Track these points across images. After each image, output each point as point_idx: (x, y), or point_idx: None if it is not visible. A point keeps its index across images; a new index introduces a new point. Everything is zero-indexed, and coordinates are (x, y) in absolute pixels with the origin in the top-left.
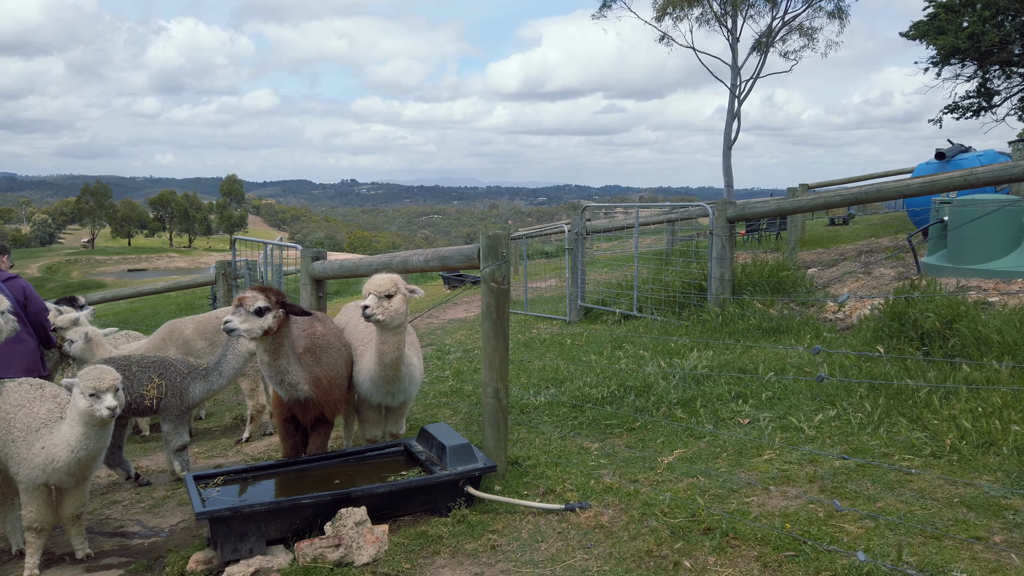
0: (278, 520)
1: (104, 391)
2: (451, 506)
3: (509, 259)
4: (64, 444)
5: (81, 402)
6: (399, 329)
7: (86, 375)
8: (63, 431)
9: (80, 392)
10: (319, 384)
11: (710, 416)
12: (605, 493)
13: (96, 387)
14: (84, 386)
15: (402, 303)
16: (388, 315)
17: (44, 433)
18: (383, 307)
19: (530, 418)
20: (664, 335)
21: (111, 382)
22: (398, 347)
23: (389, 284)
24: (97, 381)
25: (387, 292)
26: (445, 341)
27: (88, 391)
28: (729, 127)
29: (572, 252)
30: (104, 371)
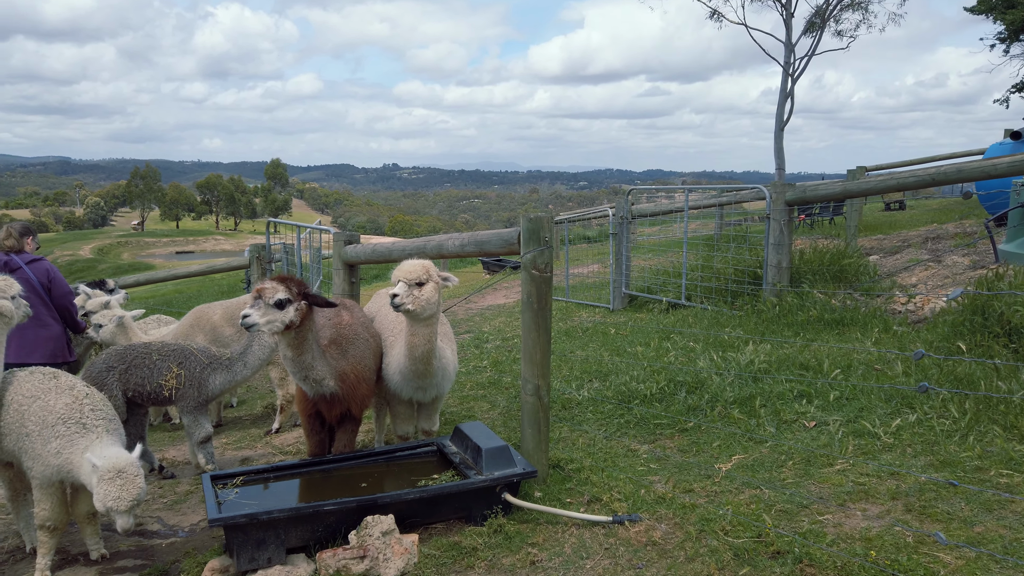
0: (299, 527)
1: (123, 512)
2: (487, 514)
3: (552, 244)
4: (84, 476)
5: (98, 503)
6: (431, 320)
7: (108, 485)
8: (86, 469)
9: (99, 499)
10: (345, 379)
11: (771, 418)
12: (657, 504)
13: (115, 507)
14: (99, 497)
15: (434, 292)
16: (419, 305)
17: (63, 433)
18: (413, 296)
19: (572, 415)
20: (715, 325)
21: (131, 502)
22: (429, 339)
23: (420, 271)
24: (116, 501)
25: (418, 280)
26: (483, 328)
27: (105, 503)
28: (781, 107)
29: (616, 237)
30: (129, 487)
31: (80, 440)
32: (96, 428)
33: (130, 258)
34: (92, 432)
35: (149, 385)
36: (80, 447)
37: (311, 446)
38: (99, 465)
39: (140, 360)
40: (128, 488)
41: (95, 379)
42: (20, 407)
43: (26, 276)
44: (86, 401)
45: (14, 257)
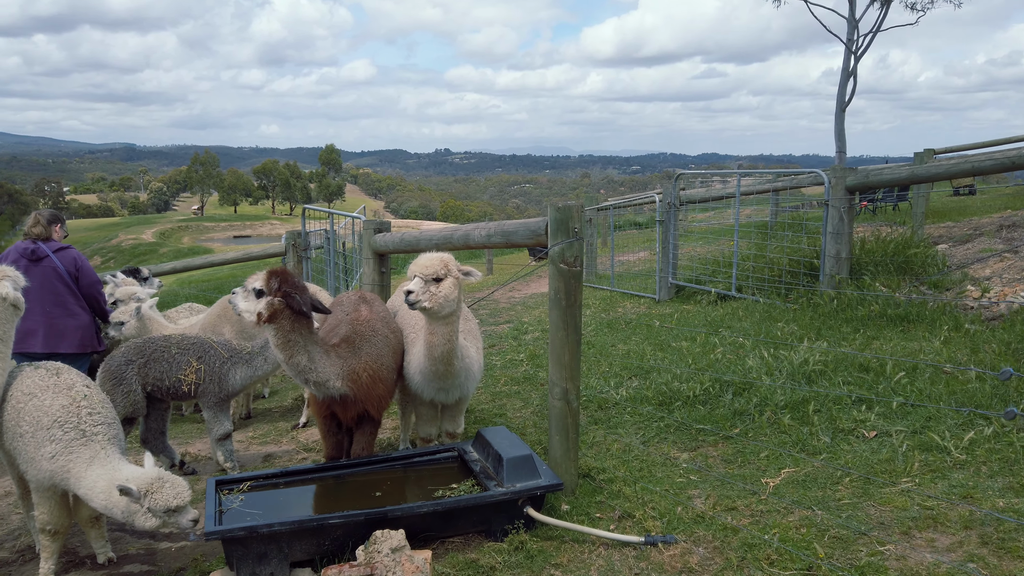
0: (303, 541)
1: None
2: (507, 529)
3: (583, 236)
4: (83, 491)
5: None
6: (450, 318)
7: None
8: (89, 484)
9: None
10: (357, 379)
11: (826, 425)
12: (695, 524)
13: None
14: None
15: (453, 288)
16: (436, 302)
17: (59, 437)
18: (430, 293)
19: (608, 416)
20: (767, 320)
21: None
22: (450, 339)
23: (438, 266)
24: (178, 499)
25: (435, 275)
26: (523, 319)
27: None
28: (843, 87)
29: (664, 224)
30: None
31: (81, 450)
32: (96, 437)
33: (190, 242)
34: (93, 442)
35: (168, 379)
36: (81, 458)
37: (327, 448)
38: (134, 489)
39: (159, 354)
40: (180, 483)
41: (114, 372)
42: (17, 405)
43: (53, 265)
44: (84, 403)
45: (41, 245)
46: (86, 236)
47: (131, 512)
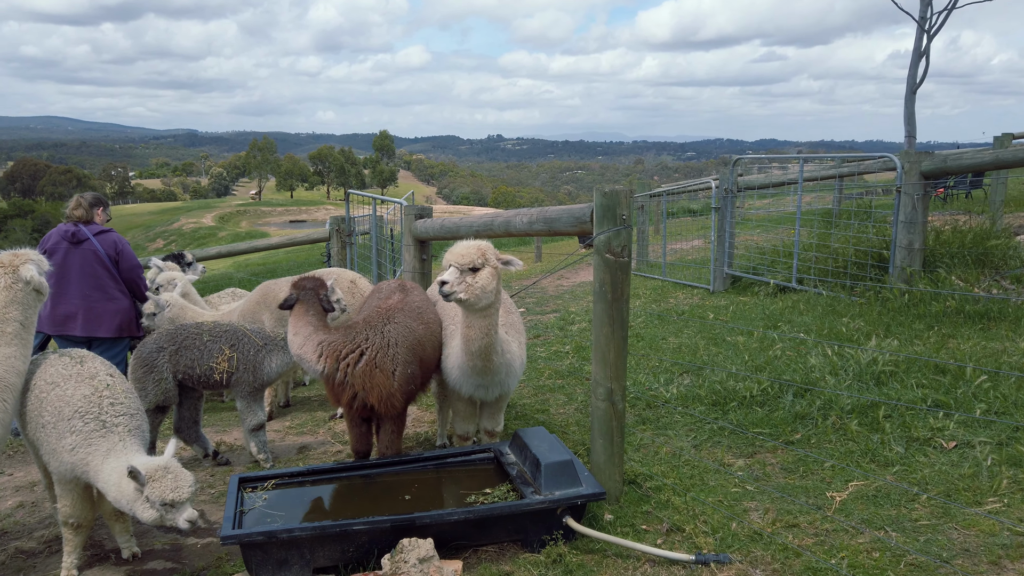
0: (326, 547)
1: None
2: (545, 540)
3: (631, 223)
4: (100, 484)
5: (148, 513)
6: (489, 310)
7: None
8: (106, 478)
9: (147, 500)
10: (337, 358)
11: (899, 434)
12: (752, 542)
13: (174, 499)
14: (155, 496)
15: (491, 278)
16: (473, 294)
17: (79, 428)
18: (466, 283)
19: (657, 416)
20: (831, 314)
21: (190, 491)
22: (488, 332)
23: (475, 254)
24: (175, 492)
25: (472, 264)
26: (570, 308)
27: (159, 501)
28: (915, 68)
29: (720, 211)
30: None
31: (100, 441)
32: (117, 428)
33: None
34: (113, 433)
35: (199, 368)
36: (100, 449)
37: (351, 440)
38: (143, 473)
39: (191, 341)
40: (183, 478)
41: (145, 360)
42: (40, 394)
43: (93, 248)
44: (106, 393)
45: (82, 228)
46: (150, 219)
47: (134, 501)
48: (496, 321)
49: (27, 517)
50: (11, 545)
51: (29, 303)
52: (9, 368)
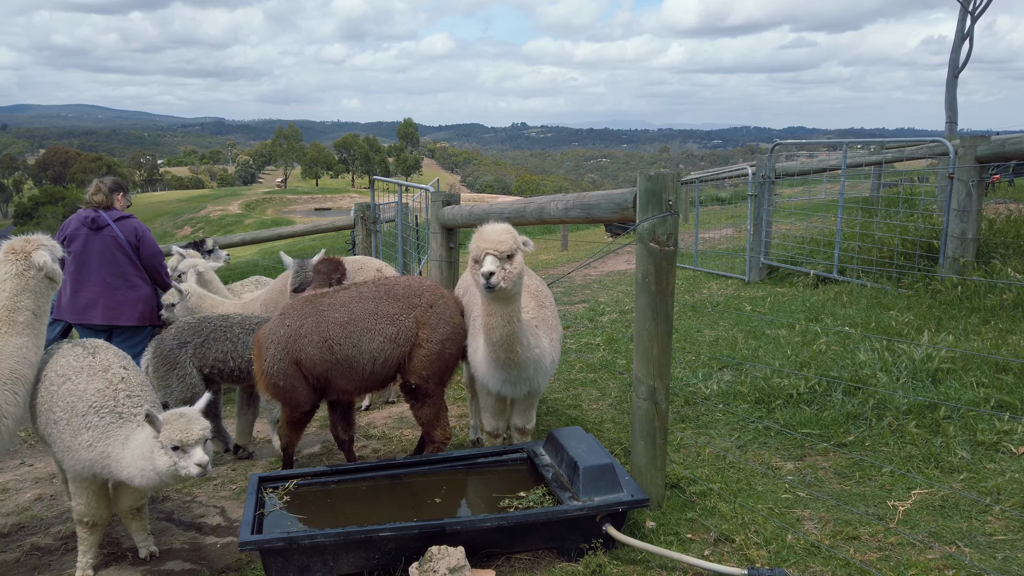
0: (350, 554)
1: (193, 443)
2: (583, 548)
3: (678, 210)
4: (125, 473)
5: (162, 459)
6: (515, 298)
7: (169, 423)
8: (127, 460)
9: (160, 444)
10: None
11: (963, 437)
12: (809, 556)
13: (183, 439)
14: (166, 437)
15: (522, 263)
16: (510, 281)
17: (94, 423)
18: (505, 272)
19: (697, 414)
20: (877, 307)
21: (201, 432)
22: (510, 320)
23: (509, 241)
24: (184, 432)
25: (509, 250)
26: (600, 298)
27: (171, 443)
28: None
29: (756, 199)
30: (191, 418)
31: (117, 431)
32: (135, 418)
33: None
34: (130, 422)
35: (233, 361)
36: (118, 438)
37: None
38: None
39: (220, 334)
40: (194, 421)
41: (167, 357)
42: (50, 387)
43: (114, 234)
44: (121, 386)
45: (102, 214)
46: (177, 207)
47: (153, 451)
48: (519, 308)
49: (45, 511)
50: (27, 541)
51: (42, 291)
52: (21, 359)
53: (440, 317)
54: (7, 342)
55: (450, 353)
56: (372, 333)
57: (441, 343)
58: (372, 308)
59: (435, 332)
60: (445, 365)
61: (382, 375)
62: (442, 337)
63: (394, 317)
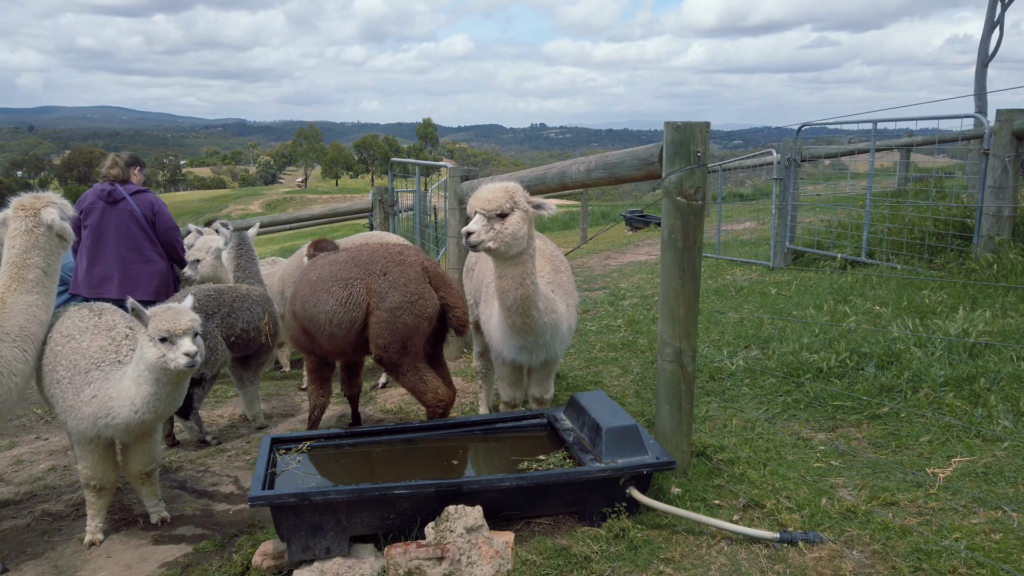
0: (364, 513)
1: (180, 333)
2: (605, 513)
3: (706, 161)
4: (126, 402)
5: (150, 351)
6: (521, 257)
7: (156, 315)
8: (125, 385)
9: (148, 337)
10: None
11: (1005, 407)
12: (845, 520)
13: (170, 329)
14: (153, 329)
15: (521, 223)
16: (502, 242)
17: (96, 377)
18: (495, 232)
19: (723, 388)
20: (908, 287)
21: (189, 323)
22: (522, 282)
23: (502, 198)
24: (171, 322)
25: (499, 210)
26: (620, 285)
27: (158, 334)
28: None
29: (781, 183)
30: (179, 310)
31: (116, 373)
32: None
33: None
34: (128, 363)
35: (254, 331)
36: (114, 376)
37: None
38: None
39: (240, 303)
40: (183, 311)
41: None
42: (55, 347)
43: (130, 208)
44: (125, 343)
45: (118, 187)
46: (200, 206)
47: (143, 349)
48: (531, 270)
49: (57, 480)
50: (39, 508)
51: (52, 249)
52: (30, 317)
53: (392, 284)
54: (16, 299)
55: (403, 322)
56: (327, 295)
57: (391, 311)
58: (334, 271)
59: (384, 300)
60: (402, 334)
61: (342, 337)
62: (392, 305)
63: (348, 281)
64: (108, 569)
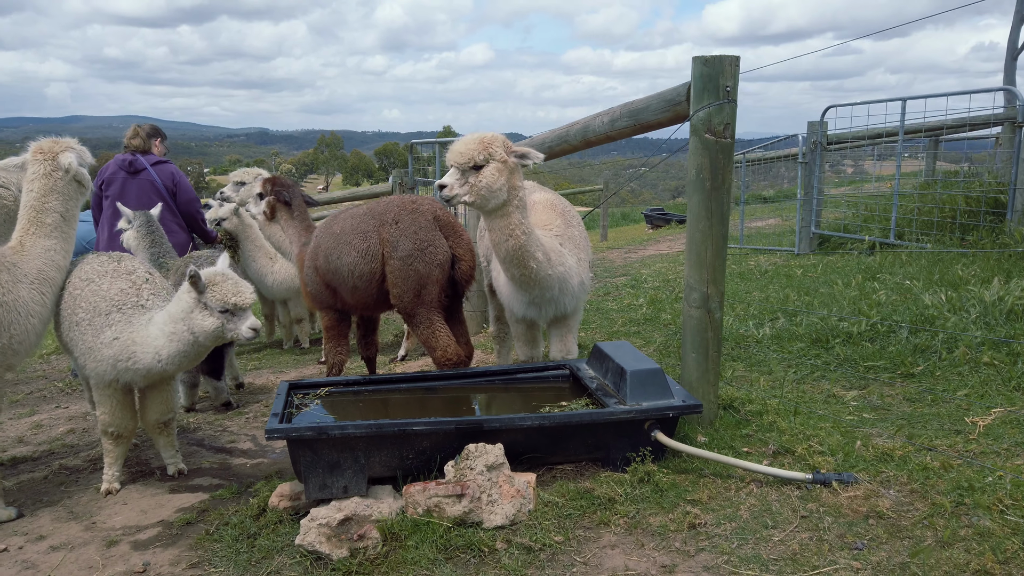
0: (382, 451)
1: (245, 307)
2: (629, 458)
3: (735, 97)
4: (151, 351)
5: (207, 320)
6: (505, 209)
7: (215, 283)
8: (152, 334)
9: (203, 305)
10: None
11: None
12: (881, 462)
13: (236, 302)
14: (213, 298)
15: (497, 174)
16: (478, 195)
17: (117, 320)
18: (469, 184)
19: (749, 354)
20: (939, 263)
21: (251, 296)
22: (512, 234)
23: (475, 149)
24: (235, 295)
25: (472, 161)
26: (642, 271)
27: (220, 305)
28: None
29: (807, 167)
30: (239, 282)
31: (140, 318)
32: (158, 307)
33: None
34: (152, 309)
35: None
36: (142, 323)
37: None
38: (202, 277)
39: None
40: (243, 283)
41: None
42: (74, 291)
43: (150, 178)
44: (146, 286)
45: (139, 157)
46: None
47: (190, 312)
48: (520, 220)
49: (75, 440)
50: (56, 463)
51: (70, 194)
52: (49, 261)
53: (403, 233)
54: (35, 243)
55: (415, 269)
56: (349, 247)
57: (402, 259)
58: (355, 224)
59: (396, 248)
60: (415, 282)
61: (364, 289)
62: (403, 254)
63: (366, 233)
64: (124, 515)
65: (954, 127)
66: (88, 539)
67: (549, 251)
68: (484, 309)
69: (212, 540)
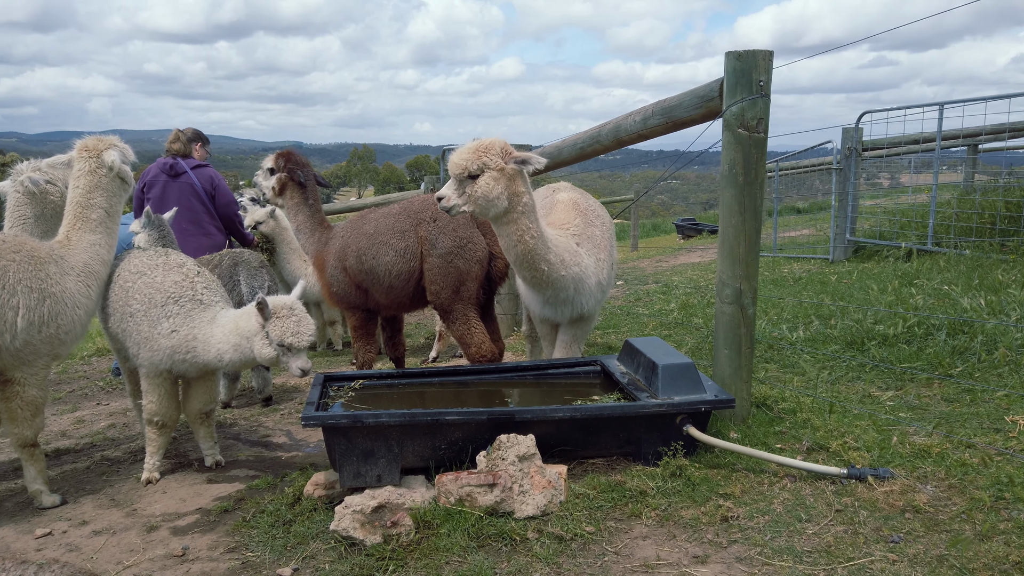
0: (415, 441)
1: (302, 349)
2: (661, 452)
3: (769, 92)
4: (213, 351)
5: (267, 350)
6: (508, 217)
7: (280, 316)
8: (216, 336)
9: (265, 335)
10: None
11: None
12: (918, 459)
13: (293, 343)
14: (275, 333)
15: (492, 183)
16: (476, 204)
17: (175, 311)
18: (467, 194)
19: (783, 356)
20: (978, 268)
21: (310, 338)
22: (519, 240)
23: (468, 159)
24: (295, 336)
25: (466, 171)
26: (673, 279)
27: (279, 340)
28: None
29: (842, 173)
30: (303, 321)
31: (201, 315)
32: (215, 303)
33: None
34: (213, 307)
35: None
36: (204, 319)
37: None
38: (270, 305)
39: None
40: (305, 322)
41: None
42: (125, 284)
43: (190, 181)
44: (198, 280)
45: (180, 161)
46: None
47: (254, 335)
48: (528, 225)
49: (117, 434)
50: (98, 454)
51: (114, 191)
52: (94, 256)
53: (441, 231)
54: (81, 237)
55: (455, 267)
56: (386, 247)
57: (442, 257)
58: (390, 224)
59: (435, 247)
60: (454, 279)
61: (400, 289)
62: (442, 251)
63: (403, 232)
64: (163, 502)
65: (993, 133)
66: (129, 524)
67: (563, 252)
68: (515, 312)
69: (249, 526)
